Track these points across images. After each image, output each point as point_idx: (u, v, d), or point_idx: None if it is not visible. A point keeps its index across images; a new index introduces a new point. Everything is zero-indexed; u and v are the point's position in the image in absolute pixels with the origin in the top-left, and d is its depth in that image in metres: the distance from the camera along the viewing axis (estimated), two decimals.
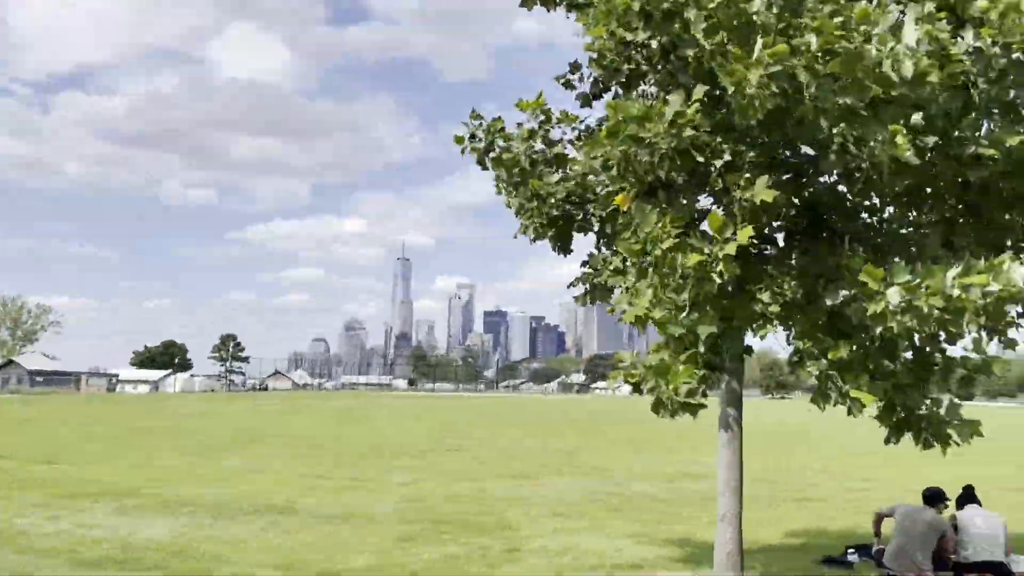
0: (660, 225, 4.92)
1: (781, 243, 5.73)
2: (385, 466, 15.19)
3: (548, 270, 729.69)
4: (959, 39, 4.32)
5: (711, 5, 4.46)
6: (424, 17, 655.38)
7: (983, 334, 4.74)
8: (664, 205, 5.25)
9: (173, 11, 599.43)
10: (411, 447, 18.93)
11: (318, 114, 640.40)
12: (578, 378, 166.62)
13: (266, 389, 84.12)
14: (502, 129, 6.66)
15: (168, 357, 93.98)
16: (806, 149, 5.13)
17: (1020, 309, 4.88)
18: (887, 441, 5.29)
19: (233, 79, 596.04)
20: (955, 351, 5.07)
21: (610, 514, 10.53)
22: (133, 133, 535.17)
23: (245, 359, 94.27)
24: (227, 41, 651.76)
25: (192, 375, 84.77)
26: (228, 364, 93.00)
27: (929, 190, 5.19)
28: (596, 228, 6.53)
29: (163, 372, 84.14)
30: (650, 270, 5.03)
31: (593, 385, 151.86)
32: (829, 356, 4.79)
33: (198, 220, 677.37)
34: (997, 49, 4.30)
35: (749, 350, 5.75)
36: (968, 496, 6.30)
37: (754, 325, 5.24)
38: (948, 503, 5.90)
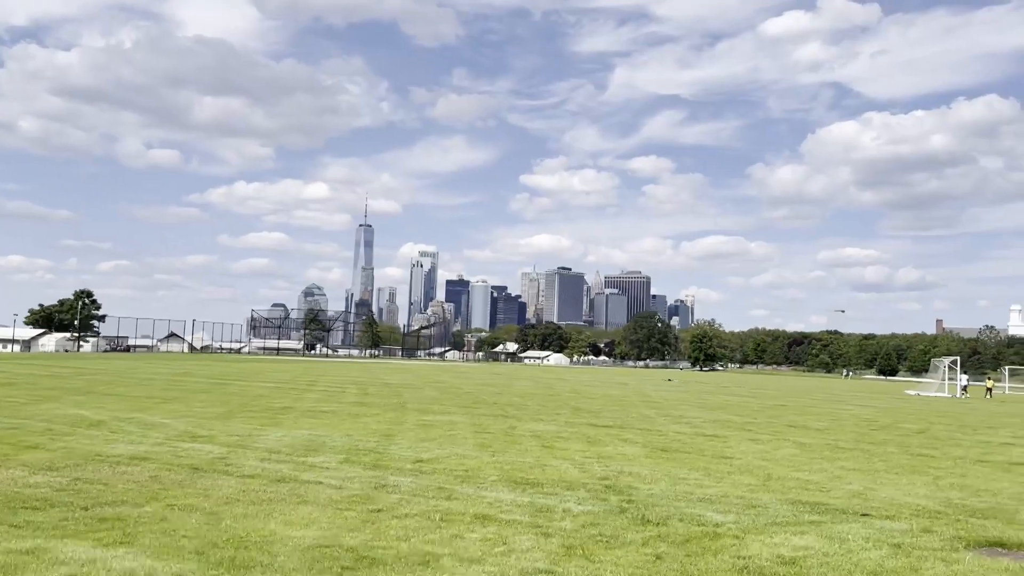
0: None
1: None
2: None
3: (516, 240, 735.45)
4: None
5: None
6: None
7: None
8: None
9: None
10: None
11: (284, 76, 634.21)
12: (512, 346, 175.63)
13: (128, 350, 79.34)
14: None
15: (68, 316, 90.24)
16: None
17: None
18: None
19: (198, 37, 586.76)
20: None
21: None
22: (90, 89, 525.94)
23: (101, 318, 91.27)
24: None
25: (75, 336, 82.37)
26: (78, 322, 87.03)
27: None
28: None
29: (37, 331, 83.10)
30: None
31: (523, 354, 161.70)
32: None
33: (157, 181, 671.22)
34: None
35: None
36: None
37: None
38: None
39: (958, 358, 50.61)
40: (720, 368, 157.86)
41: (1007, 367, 77.91)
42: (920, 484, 10.98)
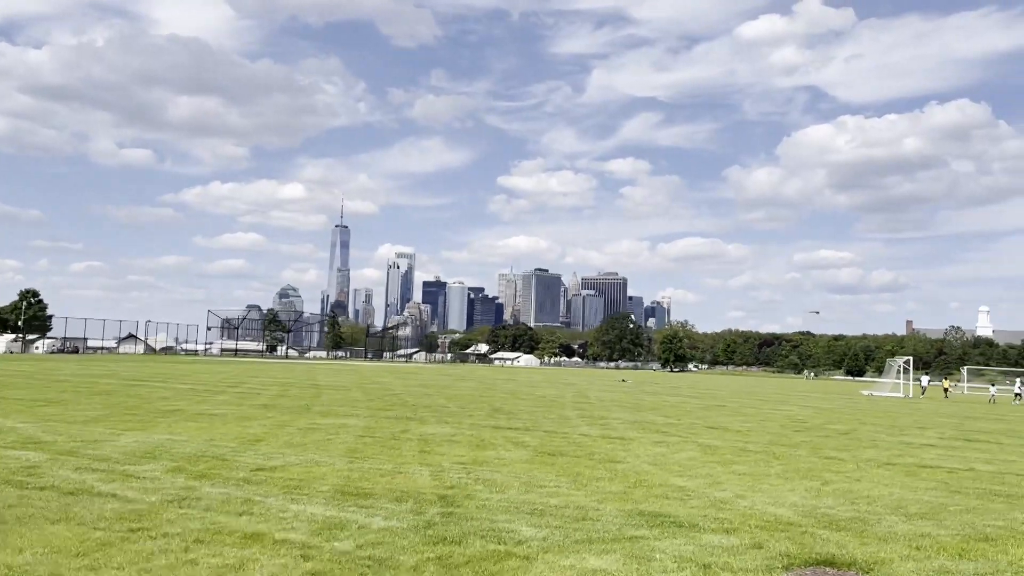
0: None
1: None
2: None
3: (493, 241, 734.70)
4: None
5: None
6: None
7: None
8: None
9: None
10: None
11: (260, 75, 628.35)
12: (483, 347, 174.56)
13: (76, 351, 77.11)
14: None
15: (15, 317, 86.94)
16: None
17: None
18: None
19: (172, 36, 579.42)
20: None
21: None
22: (62, 88, 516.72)
23: (48, 318, 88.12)
24: None
25: (20, 337, 79.76)
26: (23, 322, 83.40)
27: None
28: None
29: None
30: None
31: (493, 355, 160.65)
32: None
33: (130, 181, 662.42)
34: None
35: None
36: None
37: None
38: None
39: (910, 358, 50.45)
40: (694, 369, 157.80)
41: (966, 367, 78.31)
42: (801, 490, 10.19)
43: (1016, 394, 48.79)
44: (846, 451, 15.46)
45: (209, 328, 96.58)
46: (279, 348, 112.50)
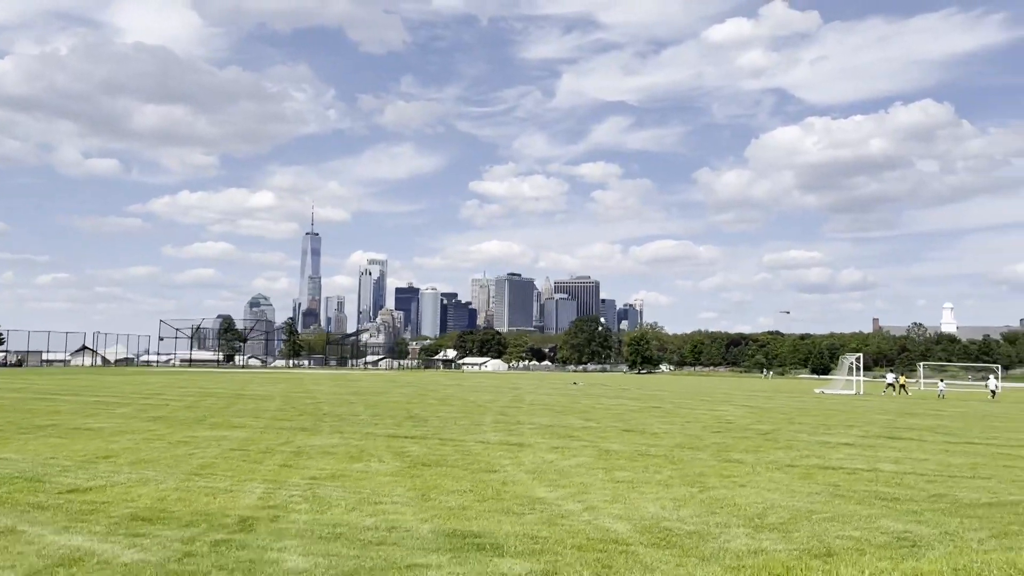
0: None
1: None
2: None
3: (466, 247, 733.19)
4: None
5: None
6: None
7: None
8: None
9: None
10: None
11: (228, 83, 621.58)
12: (451, 353, 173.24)
13: (20, 364, 76.72)
14: None
15: None
16: None
17: None
18: None
19: (137, 44, 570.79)
20: None
21: None
22: (25, 97, 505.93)
23: None
24: (132, 4, 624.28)
25: None
26: None
27: None
28: None
29: None
30: None
31: (461, 360, 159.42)
32: None
33: (97, 191, 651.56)
34: None
35: None
36: None
37: None
38: None
39: (861, 355, 50.36)
40: (664, 370, 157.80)
41: (922, 364, 78.97)
42: (668, 499, 9.36)
43: (991, 391, 47.98)
44: (755, 453, 14.73)
45: (162, 339, 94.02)
46: (236, 358, 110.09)
